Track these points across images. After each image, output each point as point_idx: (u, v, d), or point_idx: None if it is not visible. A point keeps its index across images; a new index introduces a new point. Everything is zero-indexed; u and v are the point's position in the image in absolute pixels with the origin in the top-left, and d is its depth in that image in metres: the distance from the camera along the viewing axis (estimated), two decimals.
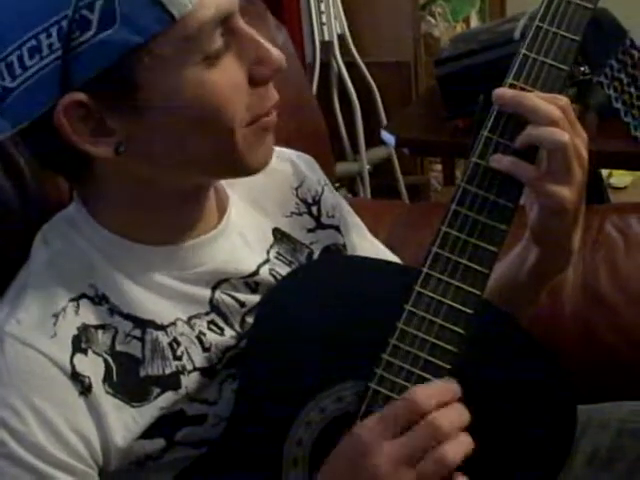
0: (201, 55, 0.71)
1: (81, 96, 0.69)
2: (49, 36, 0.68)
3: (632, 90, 1.55)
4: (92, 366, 0.76)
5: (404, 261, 1.02)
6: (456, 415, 0.71)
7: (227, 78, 0.72)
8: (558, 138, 0.76)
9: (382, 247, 1.04)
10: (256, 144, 0.77)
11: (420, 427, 0.70)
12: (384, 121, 2.46)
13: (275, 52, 0.75)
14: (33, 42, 0.68)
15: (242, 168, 0.78)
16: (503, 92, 0.78)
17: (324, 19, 2.43)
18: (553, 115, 0.76)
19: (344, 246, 0.97)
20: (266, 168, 0.80)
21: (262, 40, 0.74)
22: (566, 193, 0.77)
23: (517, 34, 1.59)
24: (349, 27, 2.47)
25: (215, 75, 0.72)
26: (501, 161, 0.78)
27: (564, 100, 0.78)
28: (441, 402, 0.71)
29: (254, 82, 0.75)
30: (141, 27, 0.68)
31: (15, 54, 0.69)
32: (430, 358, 0.75)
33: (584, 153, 0.78)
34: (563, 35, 0.79)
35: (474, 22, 2.93)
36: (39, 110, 0.70)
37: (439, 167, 2.89)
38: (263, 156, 0.79)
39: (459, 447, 0.70)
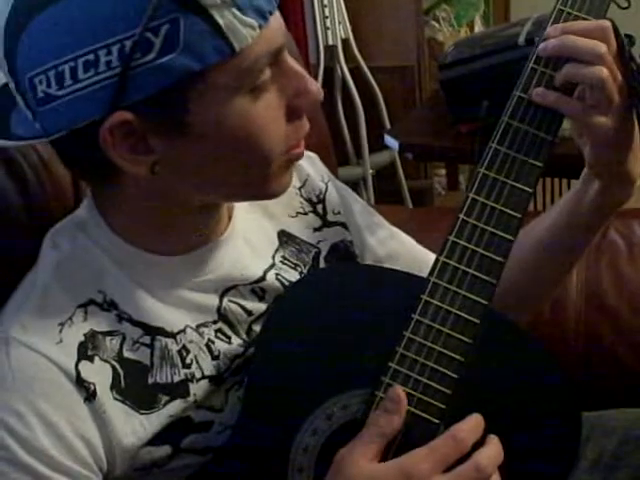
0: (250, 86, 0.71)
1: (130, 116, 0.69)
2: (109, 53, 0.67)
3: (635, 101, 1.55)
4: (98, 373, 0.76)
5: None
6: (496, 454, 0.74)
7: (269, 110, 0.73)
8: (598, 75, 0.77)
9: (401, 234, 1.04)
10: (283, 173, 0.78)
11: (468, 467, 0.72)
12: (388, 125, 2.46)
13: (314, 85, 0.76)
14: (91, 56, 0.67)
15: (266, 193, 0.80)
16: (545, 44, 0.79)
17: (328, 23, 2.43)
18: (598, 51, 0.77)
19: (351, 242, 0.97)
20: None
21: (304, 73, 0.75)
22: (610, 124, 0.79)
23: (522, 39, 1.59)
24: (353, 31, 2.46)
25: (259, 107, 0.73)
26: (546, 96, 0.79)
27: (606, 24, 0.79)
28: (479, 435, 0.74)
29: (291, 114, 0.76)
30: (201, 55, 0.68)
31: (68, 64, 0.68)
32: (437, 367, 0.75)
33: (620, 77, 0.79)
34: (585, 19, 0.80)
35: (478, 27, 2.93)
36: (81, 123, 0.70)
37: (443, 172, 2.89)
38: (286, 183, 0.80)
39: None
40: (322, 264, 0.94)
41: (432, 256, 0.98)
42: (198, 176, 0.75)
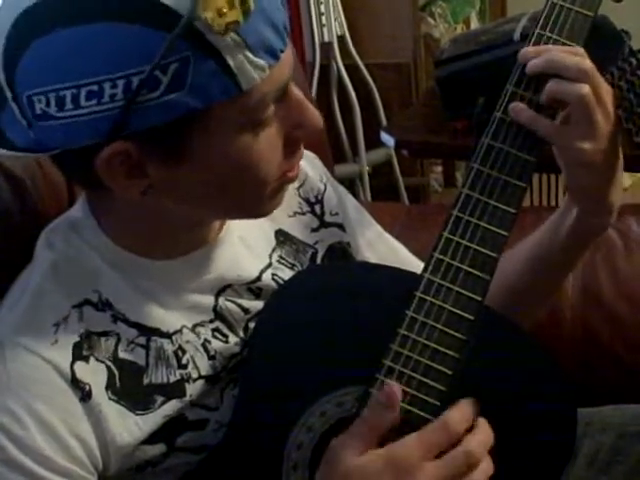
0: (254, 123, 0.71)
1: (129, 146, 0.68)
2: (114, 87, 0.65)
3: (631, 97, 1.55)
4: (93, 373, 0.75)
5: None
6: (486, 439, 0.73)
7: (270, 143, 0.73)
8: (578, 90, 0.76)
9: (392, 240, 1.04)
10: (277, 194, 0.79)
11: (458, 453, 0.71)
12: (384, 122, 2.46)
13: (315, 116, 0.75)
14: (94, 87, 0.66)
15: (257, 214, 0.81)
16: (528, 53, 0.79)
17: (324, 20, 2.43)
18: (583, 67, 0.77)
19: (348, 244, 0.97)
20: None
21: (307, 104, 0.75)
22: (587, 146, 0.78)
23: (517, 35, 1.59)
24: (349, 28, 2.46)
25: (261, 141, 0.72)
26: (520, 113, 0.78)
27: (582, 51, 0.79)
28: (470, 423, 0.73)
29: (289, 144, 0.75)
30: (207, 94, 0.67)
31: (71, 90, 0.66)
32: (431, 364, 0.75)
33: (609, 105, 0.78)
34: (564, 43, 0.79)
35: (474, 23, 2.93)
36: (77, 145, 0.69)
37: (439, 168, 2.89)
38: (278, 203, 0.80)
39: (486, 470, 0.73)
40: None
41: (419, 263, 0.98)
42: (191, 200, 0.75)
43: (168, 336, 0.80)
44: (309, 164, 0.97)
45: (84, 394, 0.74)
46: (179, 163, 0.70)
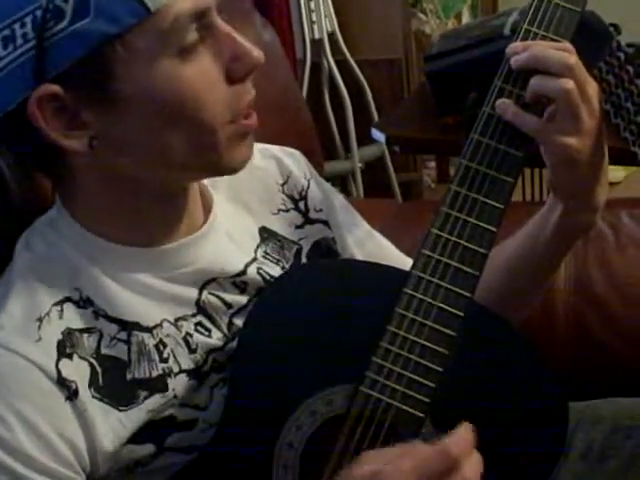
0: (176, 48, 0.70)
1: (55, 88, 0.69)
2: (23, 26, 0.68)
3: (619, 92, 1.54)
4: (78, 371, 0.75)
5: None
6: (478, 464, 0.68)
7: (202, 73, 0.72)
8: (562, 85, 0.76)
9: (379, 237, 1.04)
10: (237, 144, 0.77)
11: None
12: (376, 119, 2.46)
13: (252, 48, 0.74)
14: (7, 32, 0.68)
15: (221, 167, 0.78)
16: (515, 48, 0.79)
17: (314, 17, 2.42)
18: (566, 62, 0.77)
19: (333, 240, 0.96)
20: (250, 166, 0.80)
21: (239, 37, 0.74)
22: (572, 142, 0.78)
23: (507, 30, 1.58)
24: (339, 25, 2.45)
25: (190, 70, 0.71)
26: (507, 110, 0.79)
27: (569, 47, 0.79)
28: (468, 451, 0.68)
29: (231, 79, 0.74)
30: (116, 18, 0.68)
31: None
32: (421, 360, 0.75)
33: (594, 101, 0.78)
34: (552, 39, 0.79)
35: (466, 18, 2.92)
36: (12, 101, 0.70)
37: (433, 164, 2.89)
38: (242, 156, 0.78)
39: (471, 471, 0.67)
40: (304, 261, 0.93)
41: (408, 260, 0.97)
42: (139, 149, 0.74)
43: (148, 330, 0.79)
44: (293, 161, 0.97)
45: (70, 393, 0.74)
46: (112, 105, 0.71)
